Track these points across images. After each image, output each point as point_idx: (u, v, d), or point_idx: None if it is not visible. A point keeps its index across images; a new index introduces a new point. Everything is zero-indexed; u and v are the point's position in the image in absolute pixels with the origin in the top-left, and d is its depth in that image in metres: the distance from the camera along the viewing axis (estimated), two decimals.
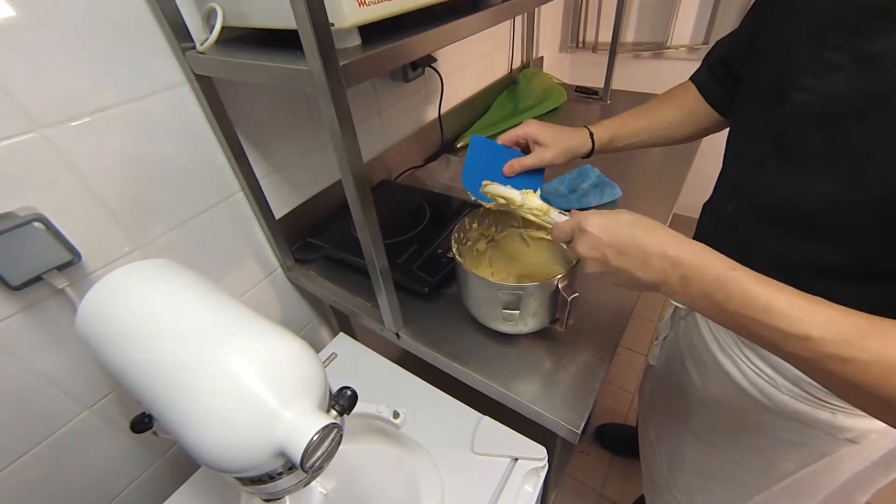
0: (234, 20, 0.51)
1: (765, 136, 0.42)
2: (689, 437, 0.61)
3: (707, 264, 0.34)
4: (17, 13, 0.43)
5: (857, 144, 0.33)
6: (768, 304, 0.30)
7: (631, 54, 1.69)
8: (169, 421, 0.32)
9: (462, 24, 0.50)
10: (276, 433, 0.30)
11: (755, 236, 0.44)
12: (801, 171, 0.38)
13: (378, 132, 0.97)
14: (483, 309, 0.59)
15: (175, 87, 0.57)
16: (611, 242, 0.39)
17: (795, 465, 0.50)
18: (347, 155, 0.42)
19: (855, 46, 0.33)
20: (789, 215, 0.40)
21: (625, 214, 0.40)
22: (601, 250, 0.39)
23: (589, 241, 0.40)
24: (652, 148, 0.65)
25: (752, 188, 0.45)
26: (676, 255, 0.35)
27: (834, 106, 0.34)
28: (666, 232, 0.37)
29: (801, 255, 0.40)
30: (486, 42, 1.25)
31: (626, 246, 0.38)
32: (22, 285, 0.47)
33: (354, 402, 0.36)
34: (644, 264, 0.37)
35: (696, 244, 0.36)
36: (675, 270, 0.35)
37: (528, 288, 0.51)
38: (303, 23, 0.34)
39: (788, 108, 0.38)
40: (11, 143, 0.46)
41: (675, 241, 0.36)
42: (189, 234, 0.65)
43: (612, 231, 0.39)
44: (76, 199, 0.52)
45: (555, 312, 0.56)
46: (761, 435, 0.50)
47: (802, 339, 0.29)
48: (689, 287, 0.35)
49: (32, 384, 0.53)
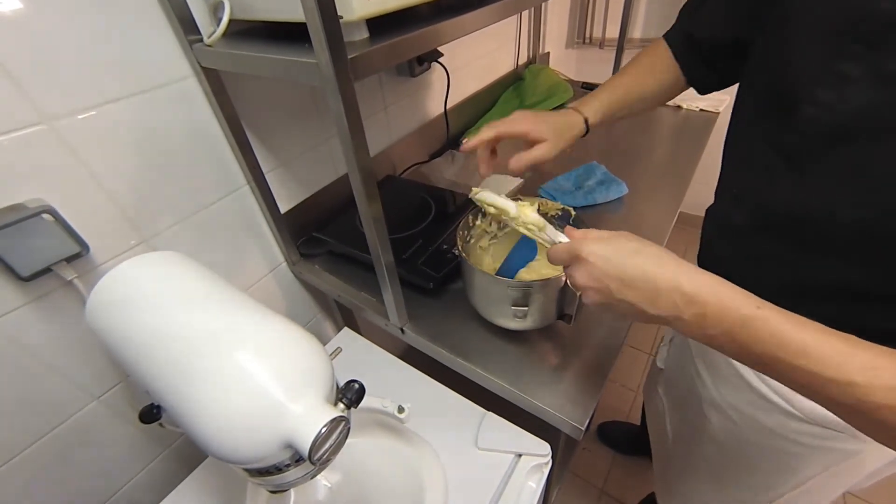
0: (241, 13, 0.51)
1: (772, 147, 0.40)
2: (705, 442, 0.59)
3: (728, 302, 0.31)
4: (26, 4, 0.44)
5: (874, 164, 0.32)
6: (804, 348, 0.28)
7: (638, 50, 1.67)
8: (177, 412, 0.32)
9: (469, 18, 0.50)
10: (285, 425, 0.30)
11: (763, 249, 0.43)
12: (814, 186, 0.37)
13: (383, 127, 0.97)
14: (491, 306, 0.59)
15: (182, 80, 0.57)
16: (616, 275, 0.35)
17: (820, 467, 0.49)
18: (355, 149, 0.42)
19: (872, 60, 0.31)
20: (801, 230, 0.38)
21: (629, 242, 0.37)
22: (604, 282, 0.36)
23: (588, 271, 0.37)
24: (658, 146, 0.64)
25: (760, 199, 0.43)
26: (693, 292, 0.32)
27: (848, 122, 0.33)
28: (677, 263, 0.34)
29: (812, 271, 0.39)
30: (493, 37, 1.24)
31: (632, 278, 0.35)
32: (31, 276, 0.47)
33: (362, 396, 0.36)
34: (653, 299, 0.34)
35: (713, 277, 0.33)
36: (690, 308, 0.32)
37: (537, 284, 0.51)
38: (311, 15, 0.34)
39: (799, 120, 0.36)
40: (21, 135, 0.46)
41: (688, 273, 0.33)
42: (195, 227, 0.65)
43: (616, 262, 0.36)
44: (84, 192, 0.52)
45: (562, 308, 0.56)
46: (783, 439, 0.48)
47: (845, 384, 0.27)
48: (707, 326, 0.32)
49: (41, 375, 0.54)
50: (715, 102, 1.20)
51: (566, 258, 0.40)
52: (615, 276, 0.35)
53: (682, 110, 1.21)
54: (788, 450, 0.49)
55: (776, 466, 0.52)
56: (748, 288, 0.33)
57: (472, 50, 1.15)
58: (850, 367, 0.27)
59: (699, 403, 0.58)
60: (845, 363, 0.27)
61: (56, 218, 0.48)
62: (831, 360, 0.27)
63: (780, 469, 0.52)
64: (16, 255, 0.45)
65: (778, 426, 0.48)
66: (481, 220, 0.65)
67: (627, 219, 0.84)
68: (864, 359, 0.27)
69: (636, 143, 1.09)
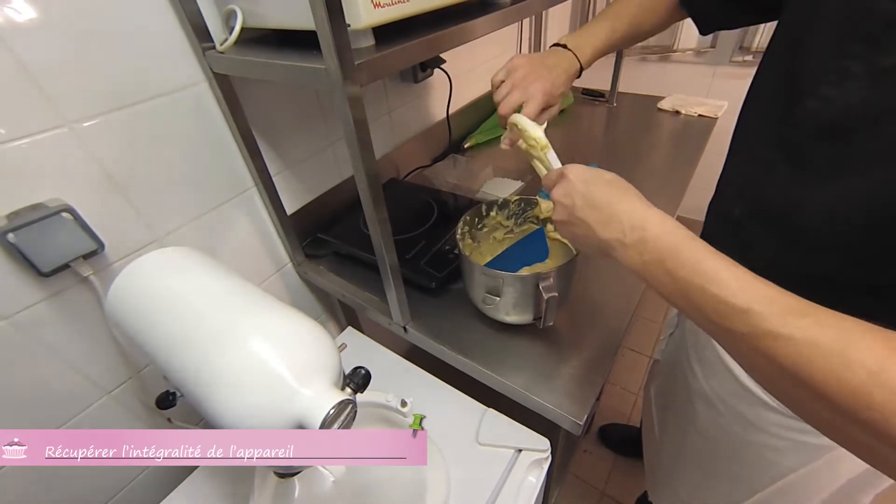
0: (252, 21, 0.53)
1: (774, 141, 0.41)
2: (692, 433, 0.61)
3: (668, 231, 0.35)
4: (48, 12, 0.46)
5: (862, 159, 0.33)
6: (717, 275, 0.31)
7: (638, 57, 1.70)
8: (194, 394, 0.34)
9: (471, 25, 0.52)
10: (296, 407, 0.32)
11: (760, 242, 0.44)
12: (809, 180, 0.38)
13: (387, 131, 0.99)
14: (471, 291, 0.61)
15: (195, 86, 0.60)
16: (584, 193, 0.39)
17: (796, 462, 0.50)
18: (361, 152, 0.44)
19: (871, 57, 0.32)
20: (795, 224, 0.40)
21: (609, 174, 0.41)
22: (573, 198, 0.40)
23: (565, 187, 0.41)
24: (656, 151, 0.66)
25: (759, 193, 0.44)
26: (640, 220, 0.36)
27: (845, 117, 0.34)
28: (640, 198, 0.38)
29: (806, 264, 0.40)
30: (495, 44, 1.27)
31: (596, 200, 0.39)
32: (51, 272, 0.49)
33: (368, 381, 0.38)
34: (606, 222, 0.38)
35: (665, 215, 0.36)
36: (635, 233, 0.36)
37: (506, 277, 0.53)
38: (321, 24, 0.36)
39: (801, 114, 0.37)
40: (43, 138, 0.48)
41: (644, 207, 0.37)
42: (204, 227, 0.67)
43: (590, 184, 0.40)
44: (100, 192, 0.54)
45: (539, 310, 0.57)
46: (763, 432, 0.50)
47: (744, 311, 0.29)
48: (644, 251, 0.35)
49: (56, 368, 0.55)
50: (714, 108, 1.21)
51: (555, 177, 0.44)
52: (584, 194, 0.39)
53: (680, 116, 1.23)
54: (766, 442, 0.51)
55: (756, 460, 0.54)
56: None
57: (474, 56, 1.17)
58: (751, 297, 0.29)
59: (688, 395, 0.60)
60: (748, 291, 0.29)
61: (74, 216, 0.50)
62: (737, 287, 0.30)
63: (759, 463, 0.53)
64: (36, 252, 0.47)
65: (757, 418, 0.50)
66: (497, 213, 0.67)
67: None
68: (767, 292, 0.29)
69: (635, 147, 1.10)
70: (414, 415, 0.60)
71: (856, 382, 0.24)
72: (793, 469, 0.51)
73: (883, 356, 0.24)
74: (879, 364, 0.23)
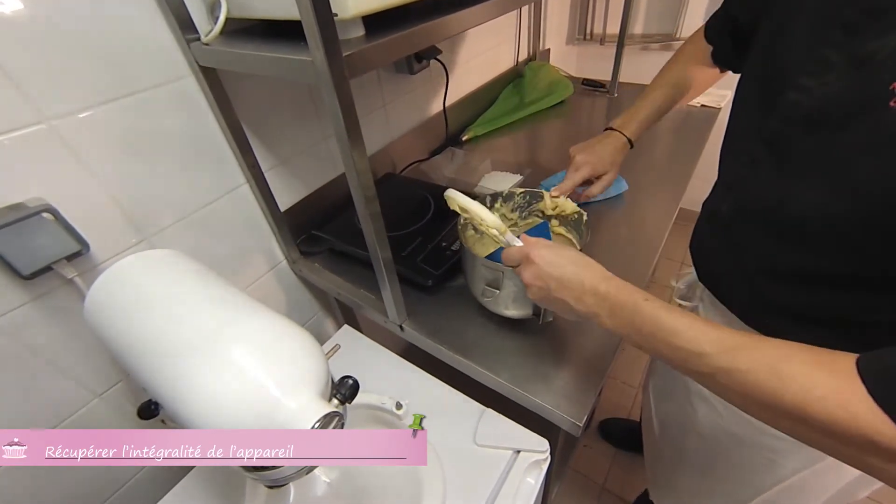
0: (237, 11, 0.51)
1: (759, 136, 0.41)
2: (692, 434, 0.61)
3: (627, 297, 0.39)
4: (24, 5, 0.44)
5: (840, 151, 0.32)
6: (674, 327, 0.34)
7: (639, 46, 1.66)
8: (174, 408, 0.33)
9: (467, 14, 0.50)
10: (278, 420, 0.31)
11: (747, 239, 0.44)
12: (791, 174, 0.37)
13: (383, 125, 0.97)
14: (471, 283, 0.61)
15: (180, 79, 0.58)
16: (556, 276, 0.43)
17: (801, 463, 0.50)
18: (351, 147, 0.42)
19: (849, 46, 0.31)
20: (778, 220, 0.40)
21: (570, 251, 0.45)
22: (546, 281, 0.43)
23: (535, 271, 0.44)
24: (659, 142, 0.66)
25: (744, 190, 0.44)
26: (605, 291, 0.40)
27: (824, 108, 0.33)
28: (602, 271, 0.42)
29: (790, 260, 0.40)
30: (492, 34, 1.24)
31: (568, 280, 0.42)
32: (32, 275, 0.47)
33: (356, 392, 0.36)
34: (579, 298, 0.41)
35: (623, 282, 0.40)
36: (605, 304, 0.40)
37: (507, 269, 0.52)
38: (306, 13, 0.34)
39: (782, 107, 0.37)
40: (21, 135, 0.46)
41: (605, 279, 0.41)
42: (195, 226, 0.66)
43: (558, 266, 0.43)
44: (84, 190, 0.53)
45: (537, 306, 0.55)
46: (763, 433, 0.50)
47: (701, 355, 0.32)
48: (615, 317, 0.39)
49: (43, 373, 0.54)
50: (716, 98, 1.19)
51: (517, 258, 0.47)
52: (556, 277, 0.43)
53: (683, 106, 1.20)
54: (767, 444, 0.50)
55: (757, 461, 0.53)
56: (730, 275, 0.44)
57: (471, 47, 1.15)
58: (702, 341, 0.33)
59: (688, 395, 0.59)
60: (699, 336, 0.33)
61: (56, 217, 0.48)
62: (692, 335, 0.33)
63: (761, 463, 0.53)
64: (17, 254, 0.46)
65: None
66: (501, 204, 0.66)
67: (627, 215, 0.84)
68: (713, 335, 0.33)
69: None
70: (414, 414, 0.59)
71: (791, 396, 0.28)
72: (797, 470, 0.51)
73: (809, 371, 0.28)
74: (808, 378, 0.27)
